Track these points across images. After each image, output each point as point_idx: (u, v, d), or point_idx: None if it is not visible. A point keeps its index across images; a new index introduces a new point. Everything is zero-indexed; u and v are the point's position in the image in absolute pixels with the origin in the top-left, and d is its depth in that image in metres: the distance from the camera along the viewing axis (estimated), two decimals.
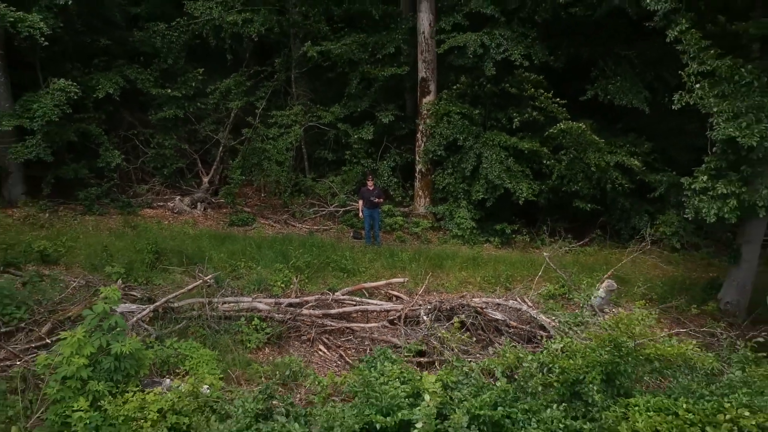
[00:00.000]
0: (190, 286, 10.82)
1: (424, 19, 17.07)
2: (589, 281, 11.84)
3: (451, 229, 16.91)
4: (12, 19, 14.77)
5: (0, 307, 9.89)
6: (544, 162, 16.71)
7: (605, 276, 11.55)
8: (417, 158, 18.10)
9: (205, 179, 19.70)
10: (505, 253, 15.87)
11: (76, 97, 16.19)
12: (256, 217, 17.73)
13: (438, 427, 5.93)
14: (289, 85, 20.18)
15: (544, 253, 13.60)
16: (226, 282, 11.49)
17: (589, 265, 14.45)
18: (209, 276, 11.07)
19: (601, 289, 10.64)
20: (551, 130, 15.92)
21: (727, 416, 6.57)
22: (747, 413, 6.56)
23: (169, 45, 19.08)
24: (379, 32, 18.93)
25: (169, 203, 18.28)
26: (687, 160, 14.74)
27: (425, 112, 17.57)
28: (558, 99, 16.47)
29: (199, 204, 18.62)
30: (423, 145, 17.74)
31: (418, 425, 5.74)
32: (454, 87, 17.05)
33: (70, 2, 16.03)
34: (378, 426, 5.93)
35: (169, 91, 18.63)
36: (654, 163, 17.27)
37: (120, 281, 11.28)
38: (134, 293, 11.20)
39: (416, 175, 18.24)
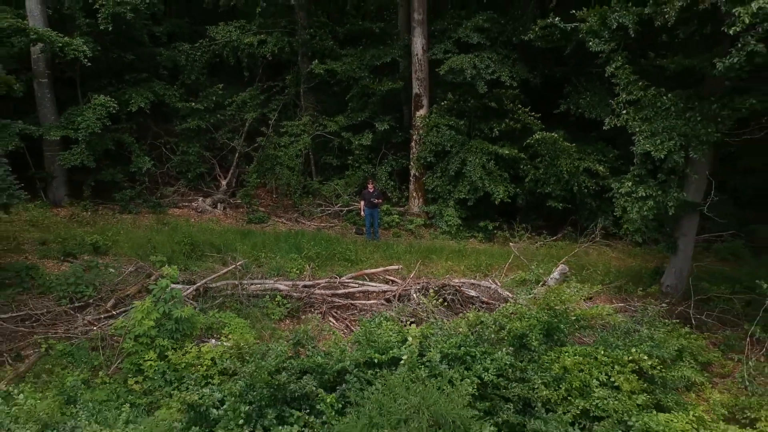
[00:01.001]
0: (223, 271, 13.25)
1: (418, 43, 19.50)
2: (551, 267, 14.27)
3: (440, 226, 19.34)
4: (61, 44, 17.15)
5: (74, 287, 12.36)
6: (521, 167, 19.13)
7: (560, 262, 13.95)
8: (411, 164, 20.53)
9: (224, 182, 22.13)
10: (487, 246, 18.28)
11: (114, 111, 18.65)
12: (270, 216, 20.16)
13: (418, 361, 8.36)
14: (298, 98, 22.62)
15: (511, 244, 16.03)
16: (251, 268, 13.93)
17: (559, 257, 16.83)
18: (239, 263, 13.48)
19: (555, 272, 13.03)
20: (529, 140, 18.34)
21: (631, 359, 9.02)
22: (645, 357, 9.00)
23: (192, 63, 21.54)
24: (376, 50, 21.37)
25: (192, 203, 20.73)
26: None
27: (418, 123, 20.00)
28: (534, 112, 18.90)
29: (219, 204, 21.05)
30: (416, 152, 20.17)
31: (404, 358, 8.18)
32: (444, 102, 19.46)
33: (110, 27, 18.50)
34: (375, 360, 8.37)
35: (193, 104, 21.08)
36: (621, 167, 19.64)
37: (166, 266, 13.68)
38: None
39: (411, 178, 20.68)
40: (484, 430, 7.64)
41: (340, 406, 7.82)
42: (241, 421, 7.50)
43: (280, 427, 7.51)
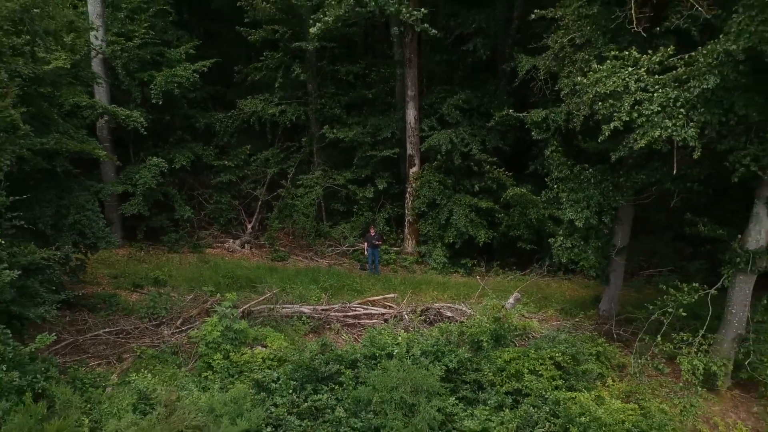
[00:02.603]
0: (262, 297, 17.47)
1: (410, 114, 23.99)
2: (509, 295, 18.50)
3: (430, 263, 23.55)
4: (123, 117, 21.49)
5: (152, 309, 16.56)
6: (497, 215, 23.43)
7: (516, 291, 18.15)
8: (406, 212, 24.85)
9: (249, 226, 26.42)
10: (467, 279, 22.46)
11: (165, 170, 23.00)
12: (290, 255, 24.39)
13: (405, 355, 12.52)
14: (311, 156, 27.03)
15: (484, 278, 20.27)
16: (281, 296, 18.12)
17: (525, 288, 21.02)
18: (274, 291, 17.69)
19: (511, 298, 17.19)
20: (504, 195, 22.58)
21: (549, 355, 13.19)
22: (558, 354, 13.19)
23: (225, 128, 26.03)
24: (377, 116, 25.89)
25: (225, 244, 24.98)
26: None
27: (412, 179, 24.38)
28: (508, 170, 23.23)
29: (246, 244, 25.29)
30: (410, 202, 24.50)
31: (396, 353, 12.35)
32: (433, 163, 23.87)
33: (160, 102, 22.95)
34: (376, 354, 12.53)
35: (226, 162, 25.51)
36: None
37: (218, 295, 17.87)
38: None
39: (405, 224, 24.98)
40: (448, 399, 11.81)
41: (354, 382, 11.98)
42: (290, 391, 11.66)
43: (315, 395, 11.67)
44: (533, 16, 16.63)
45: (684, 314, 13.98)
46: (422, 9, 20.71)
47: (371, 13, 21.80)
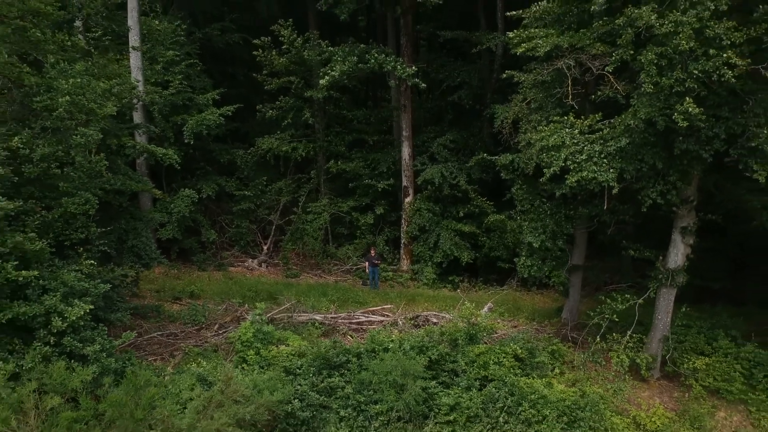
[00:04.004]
0: (281, 307, 21.25)
1: (405, 152, 27.99)
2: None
3: (422, 280, 27.41)
4: (161, 155, 25.40)
5: (193, 316, 20.37)
6: (479, 239, 27.32)
7: (489, 302, 21.97)
8: (402, 235, 28.74)
9: (265, 247, 30.30)
10: (453, 293, 26.25)
11: (195, 200, 26.90)
12: (301, 272, 28.23)
13: (398, 349, 16.33)
14: (319, 186, 30.99)
15: (464, 292, 24.14)
16: (297, 306, 21.93)
17: (501, 300, 24.83)
18: (292, 302, 21.52)
19: (485, 308, 21.01)
20: (485, 221, 26.51)
21: (511, 350, 16.99)
22: (518, 349, 16.98)
23: (245, 162, 30.02)
24: (376, 152, 29.90)
25: (245, 263, 28.84)
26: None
27: (406, 207, 28.32)
28: (488, 200, 27.18)
29: (262, 264, 29.16)
30: (405, 227, 28.40)
31: (390, 347, 16.17)
32: (424, 192, 27.82)
33: (192, 142, 26.92)
34: (376, 348, 16.35)
35: (245, 192, 29.46)
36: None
37: (246, 305, 21.67)
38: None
39: (401, 246, 28.86)
40: (430, 383, 15.64)
41: (358, 368, 15.80)
42: (311, 374, 15.48)
43: (329, 378, 15.49)
44: (504, 75, 20.64)
45: (617, 319, 17.87)
46: (413, 66, 24.79)
47: (372, 70, 25.85)
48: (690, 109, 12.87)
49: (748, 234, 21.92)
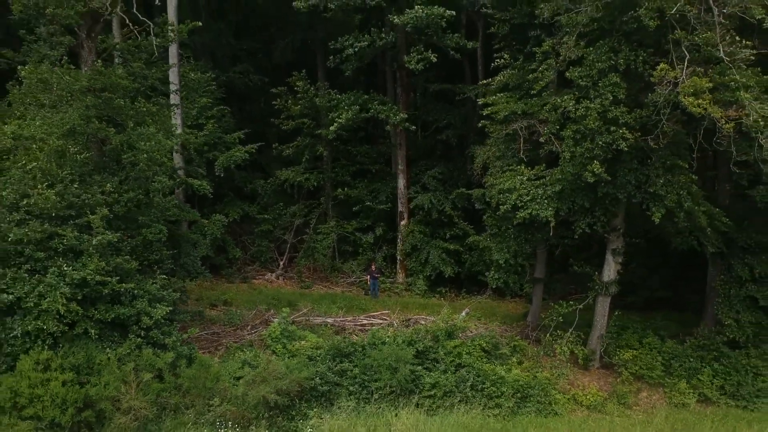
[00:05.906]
0: (299, 312, 26.43)
1: (401, 182, 33.30)
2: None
3: (414, 290, 32.63)
4: (196, 186, 30.61)
5: (230, 319, 25.56)
6: (463, 256, 32.57)
7: (466, 308, 27.17)
8: (398, 252, 33.97)
9: (281, 263, 35.52)
10: (441, 302, 31.47)
11: (224, 223, 32.11)
12: (313, 284, 33.43)
13: (393, 342, 21.53)
14: (327, 210, 36.27)
15: (441, 299, 29.43)
16: (312, 311, 27.15)
17: (480, 307, 30.03)
18: (309, 308, 26.72)
19: (463, 312, 26.21)
20: (467, 241, 31.77)
21: (479, 343, 22.20)
22: (485, 343, 22.20)
23: (265, 191, 35.34)
24: (377, 182, 35.24)
25: (264, 276, 34.07)
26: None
27: (402, 229, 33.60)
28: (470, 224, 32.43)
29: (279, 277, 34.37)
30: (401, 246, 33.65)
31: (387, 340, 21.38)
32: (416, 217, 33.12)
33: (222, 174, 32.21)
34: (376, 342, 21.55)
35: (265, 215, 34.74)
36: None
37: (271, 310, 26.85)
38: None
39: (397, 261, 34.09)
40: (418, 367, 20.88)
41: (363, 356, 21.02)
42: (327, 360, 20.71)
43: (341, 363, 20.73)
44: (480, 124, 25.94)
45: (561, 320, 23.13)
46: (404, 113, 30.19)
47: (372, 117, 31.23)
48: (596, 170, 18.20)
49: (687, 252, 27.06)
